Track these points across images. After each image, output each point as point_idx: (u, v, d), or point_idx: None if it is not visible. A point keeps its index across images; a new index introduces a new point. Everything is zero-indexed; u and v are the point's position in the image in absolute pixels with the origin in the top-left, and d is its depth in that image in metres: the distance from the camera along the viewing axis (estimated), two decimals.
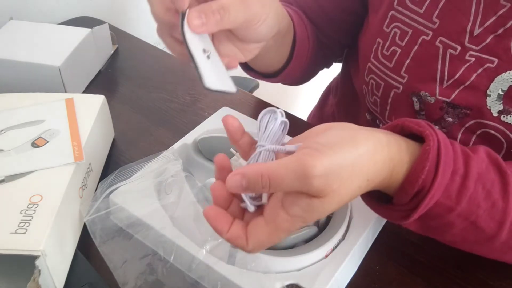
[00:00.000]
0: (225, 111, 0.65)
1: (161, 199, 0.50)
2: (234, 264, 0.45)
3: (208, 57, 0.45)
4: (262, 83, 1.10)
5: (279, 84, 0.71)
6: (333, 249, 0.47)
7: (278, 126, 0.40)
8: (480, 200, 0.41)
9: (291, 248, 0.48)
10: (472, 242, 0.45)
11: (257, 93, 1.07)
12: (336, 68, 0.89)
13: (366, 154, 0.37)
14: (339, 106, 0.82)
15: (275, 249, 0.48)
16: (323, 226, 0.50)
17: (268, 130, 0.40)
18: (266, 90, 1.15)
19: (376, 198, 0.43)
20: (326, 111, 0.88)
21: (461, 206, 0.41)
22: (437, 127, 0.58)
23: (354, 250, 0.47)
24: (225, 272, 0.44)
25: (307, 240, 0.48)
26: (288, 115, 0.70)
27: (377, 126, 0.70)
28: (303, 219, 0.36)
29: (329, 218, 0.50)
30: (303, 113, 0.93)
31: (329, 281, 0.45)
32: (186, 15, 0.43)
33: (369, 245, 0.52)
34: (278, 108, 0.41)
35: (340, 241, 0.48)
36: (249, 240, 0.37)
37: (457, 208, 0.41)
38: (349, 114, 0.79)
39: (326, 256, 0.47)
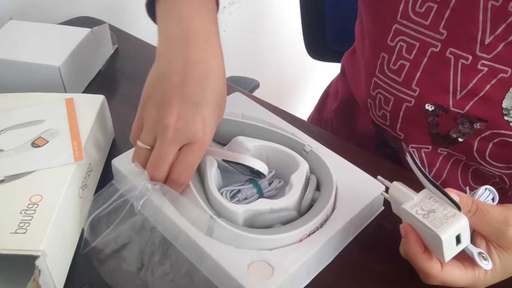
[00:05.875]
0: (237, 96, 0.66)
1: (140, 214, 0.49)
2: (211, 236, 0.47)
3: None
4: (262, 83, 1.11)
5: (280, 84, 0.71)
6: (308, 235, 0.48)
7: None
8: None
9: (268, 228, 0.48)
10: None
11: (257, 93, 1.07)
12: (334, 71, 0.89)
13: None
14: (337, 112, 0.82)
15: (252, 227, 0.48)
16: (304, 213, 0.50)
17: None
18: (266, 89, 1.16)
19: None
20: (325, 116, 0.88)
21: None
22: (454, 135, 0.58)
23: (329, 239, 0.48)
24: (202, 243, 0.46)
25: (285, 223, 0.49)
26: (288, 116, 0.70)
27: (382, 137, 0.70)
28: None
29: (311, 206, 0.51)
30: (303, 114, 0.93)
31: (298, 263, 0.45)
32: None
33: (350, 239, 0.53)
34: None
35: (317, 229, 0.49)
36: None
37: None
38: (348, 122, 0.79)
39: (300, 241, 0.47)
